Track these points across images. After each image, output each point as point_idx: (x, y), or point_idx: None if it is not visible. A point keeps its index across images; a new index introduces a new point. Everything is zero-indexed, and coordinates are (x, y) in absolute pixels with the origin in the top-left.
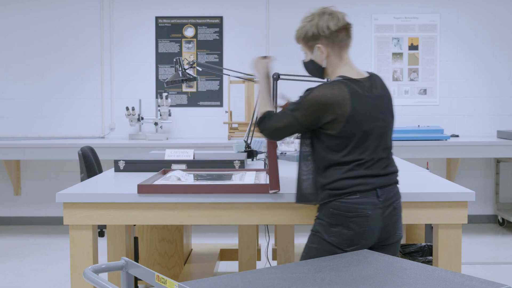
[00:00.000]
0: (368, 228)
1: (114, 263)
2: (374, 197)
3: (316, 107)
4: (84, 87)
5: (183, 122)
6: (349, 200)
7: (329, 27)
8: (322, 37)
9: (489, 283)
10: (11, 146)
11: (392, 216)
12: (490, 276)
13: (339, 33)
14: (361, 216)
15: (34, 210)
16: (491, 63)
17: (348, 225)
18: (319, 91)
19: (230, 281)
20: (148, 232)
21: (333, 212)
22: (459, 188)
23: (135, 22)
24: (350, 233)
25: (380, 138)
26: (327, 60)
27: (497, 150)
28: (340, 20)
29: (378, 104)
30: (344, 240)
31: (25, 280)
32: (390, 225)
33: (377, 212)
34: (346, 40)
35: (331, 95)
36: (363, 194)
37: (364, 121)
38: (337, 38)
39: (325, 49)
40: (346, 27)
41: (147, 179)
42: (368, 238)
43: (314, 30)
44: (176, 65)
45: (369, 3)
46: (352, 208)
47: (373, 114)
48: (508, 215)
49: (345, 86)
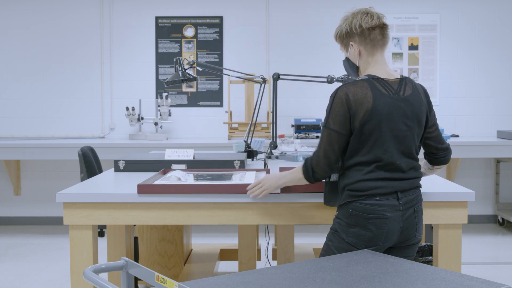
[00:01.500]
0: (387, 230)
1: (114, 263)
2: (394, 199)
3: (342, 106)
4: (84, 87)
5: (183, 122)
6: (368, 202)
7: (361, 25)
8: (355, 35)
9: (489, 283)
10: (11, 146)
11: (412, 219)
12: (490, 276)
13: (372, 31)
14: (380, 218)
15: (34, 210)
16: (491, 63)
17: (366, 226)
18: (342, 90)
19: (230, 281)
20: (148, 232)
21: (352, 213)
22: (459, 188)
23: (135, 22)
24: (368, 234)
25: (401, 142)
26: (360, 58)
27: (497, 150)
28: (374, 19)
29: (402, 107)
30: (362, 241)
31: (25, 280)
32: (409, 227)
33: (397, 214)
34: (380, 40)
35: (354, 92)
36: (383, 196)
37: (384, 120)
38: (370, 37)
39: (357, 46)
40: (380, 26)
41: (147, 179)
42: (387, 239)
43: (348, 28)
44: (176, 65)
45: (369, 3)
46: (371, 210)
47: (395, 116)
48: (508, 215)
49: (368, 84)
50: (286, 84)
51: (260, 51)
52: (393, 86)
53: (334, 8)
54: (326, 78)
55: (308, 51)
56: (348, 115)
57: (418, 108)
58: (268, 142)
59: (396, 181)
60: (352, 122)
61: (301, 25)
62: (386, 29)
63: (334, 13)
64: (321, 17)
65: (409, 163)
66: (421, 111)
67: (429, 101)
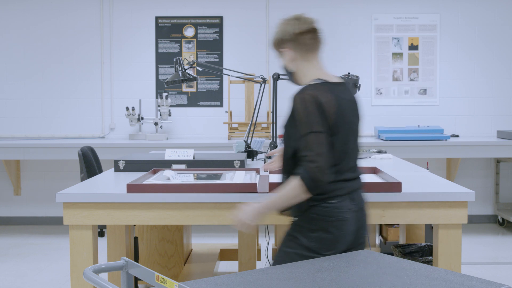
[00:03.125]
0: (346, 232)
1: (114, 263)
2: (348, 200)
3: (316, 107)
4: (84, 87)
5: (183, 122)
6: (329, 205)
7: (292, 31)
8: (287, 41)
9: (489, 283)
10: (11, 146)
11: (363, 219)
12: (490, 276)
13: (303, 36)
14: (341, 220)
15: (34, 210)
16: (491, 63)
17: (328, 229)
18: (308, 93)
19: (230, 281)
20: (148, 232)
21: (314, 217)
22: (459, 188)
23: (135, 22)
24: (329, 237)
25: (356, 142)
26: (295, 64)
27: (497, 150)
28: (305, 23)
29: (354, 108)
30: (324, 245)
31: (25, 280)
32: (361, 228)
33: (353, 215)
34: (312, 44)
35: (320, 95)
36: (340, 198)
37: (346, 123)
38: (302, 41)
39: (290, 52)
40: (310, 30)
41: (137, 178)
42: (344, 241)
43: (280, 35)
44: (176, 65)
45: (369, 3)
46: (333, 212)
47: (353, 118)
48: (508, 215)
49: (327, 87)
50: (286, 84)
51: (260, 51)
52: (341, 88)
53: (334, 8)
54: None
55: None
56: (322, 112)
57: (360, 107)
58: (268, 142)
59: (349, 182)
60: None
61: None
62: (317, 33)
63: (334, 13)
64: (321, 17)
65: (357, 163)
66: (361, 110)
67: None
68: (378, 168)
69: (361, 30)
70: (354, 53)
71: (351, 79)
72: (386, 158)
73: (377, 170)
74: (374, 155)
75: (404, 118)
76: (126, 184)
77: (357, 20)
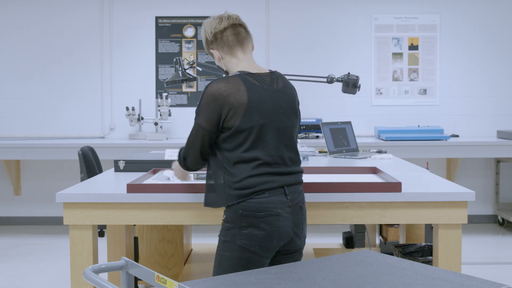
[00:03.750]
0: (279, 228)
1: (114, 263)
2: (282, 195)
3: (214, 102)
4: (84, 87)
5: (183, 122)
6: (258, 200)
7: (211, 30)
8: (211, 42)
9: (489, 283)
10: (11, 146)
11: (300, 215)
12: (490, 276)
13: (223, 34)
14: (272, 215)
15: (34, 210)
16: (491, 63)
17: (258, 226)
18: (213, 86)
19: (230, 281)
20: (148, 232)
21: (243, 213)
22: (459, 188)
23: (135, 22)
24: (261, 234)
25: (282, 134)
26: (223, 62)
27: (497, 150)
28: (223, 21)
29: (278, 98)
30: (255, 242)
31: (25, 280)
32: (298, 225)
33: (286, 210)
34: (234, 39)
35: (226, 87)
36: (271, 192)
37: (262, 113)
38: (222, 39)
39: (216, 52)
40: (229, 26)
41: (136, 179)
42: (280, 238)
43: (204, 36)
44: (176, 65)
45: (369, 3)
46: (262, 208)
47: (272, 107)
48: (508, 215)
49: (240, 78)
50: None
51: (259, 51)
52: (265, 78)
53: (334, 8)
54: (326, 78)
55: (308, 51)
56: (219, 113)
57: (292, 99)
58: None
59: (281, 176)
60: (227, 120)
61: (301, 25)
62: (238, 27)
63: (334, 13)
64: (321, 17)
65: (291, 156)
66: (294, 102)
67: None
68: (378, 168)
69: (361, 30)
70: (354, 53)
71: (351, 79)
72: (386, 158)
73: (377, 170)
74: (374, 155)
75: (404, 118)
76: (126, 184)
77: (357, 20)
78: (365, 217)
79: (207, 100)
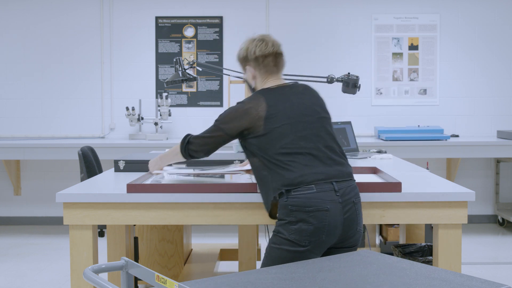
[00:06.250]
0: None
1: (114, 263)
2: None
3: (236, 113)
4: (84, 87)
5: (183, 122)
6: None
7: (255, 51)
8: (250, 60)
9: (489, 283)
10: (11, 146)
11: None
12: (490, 276)
13: (265, 58)
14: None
15: (34, 210)
16: (491, 63)
17: (307, 221)
18: (238, 103)
19: (230, 281)
20: (148, 232)
21: (292, 208)
22: (459, 188)
23: (135, 22)
24: (310, 228)
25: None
26: (255, 81)
27: (497, 150)
28: (269, 47)
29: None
30: (304, 236)
31: (25, 280)
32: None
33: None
34: (273, 66)
35: (248, 103)
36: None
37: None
38: (263, 63)
39: (252, 70)
40: (273, 54)
41: (136, 179)
42: (330, 233)
43: (244, 53)
44: (176, 65)
45: (369, 3)
46: (310, 203)
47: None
48: (508, 215)
49: (261, 94)
50: None
51: None
52: (284, 88)
53: (334, 8)
54: (326, 78)
55: (308, 51)
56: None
57: (314, 98)
58: None
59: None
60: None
61: (301, 25)
62: (280, 57)
63: (334, 13)
64: (321, 17)
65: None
66: (319, 100)
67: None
68: (378, 168)
69: (361, 30)
70: (354, 53)
71: (351, 79)
72: (386, 158)
73: (377, 170)
74: (374, 155)
75: (404, 118)
76: (126, 184)
77: (357, 20)
78: (365, 217)
79: (231, 110)
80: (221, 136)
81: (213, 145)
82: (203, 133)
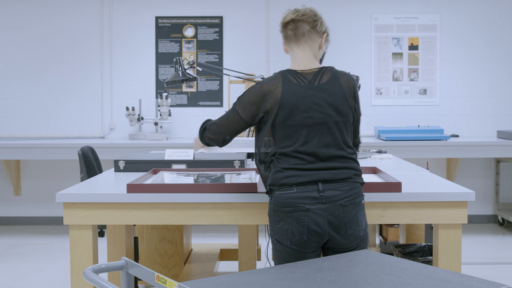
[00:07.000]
0: (307, 224)
1: (114, 263)
2: (314, 191)
3: (254, 96)
4: (84, 87)
5: (183, 122)
6: (285, 195)
7: (281, 22)
8: (282, 35)
9: (489, 283)
10: (11, 146)
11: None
12: (490, 276)
13: (285, 28)
14: (298, 211)
15: (34, 210)
16: (491, 63)
17: (286, 221)
18: (258, 83)
19: (230, 281)
20: (148, 232)
21: (274, 208)
22: (459, 188)
23: (135, 22)
24: (290, 228)
25: (315, 129)
26: (288, 53)
27: (497, 150)
28: (289, 14)
29: (314, 95)
30: (285, 236)
31: (25, 280)
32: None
33: (319, 207)
34: (292, 35)
35: (267, 85)
36: (300, 187)
37: (293, 110)
38: (286, 33)
39: (284, 45)
40: (290, 21)
41: (136, 179)
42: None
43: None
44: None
45: (369, 3)
46: (288, 203)
47: (306, 104)
48: (508, 215)
49: (280, 75)
50: None
51: (260, 51)
52: (307, 77)
53: (334, 8)
54: None
55: None
56: (257, 107)
57: (333, 95)
58: None
59: (314, 171)
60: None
61: None
62: (299, 23)
63: (334, 13)
64: None
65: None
66: (337, 98)
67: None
68: (378, 168)
69: (361, 30)
70: (354, 53)
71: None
72: (386, 158)
73: (377, 170)
74: (374, 155)
75: (404, 118)
76: (126, 184)
77: (357, 20)
78: None
79: (250, 92)
80: (237, 120)
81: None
82: (218, 118)
